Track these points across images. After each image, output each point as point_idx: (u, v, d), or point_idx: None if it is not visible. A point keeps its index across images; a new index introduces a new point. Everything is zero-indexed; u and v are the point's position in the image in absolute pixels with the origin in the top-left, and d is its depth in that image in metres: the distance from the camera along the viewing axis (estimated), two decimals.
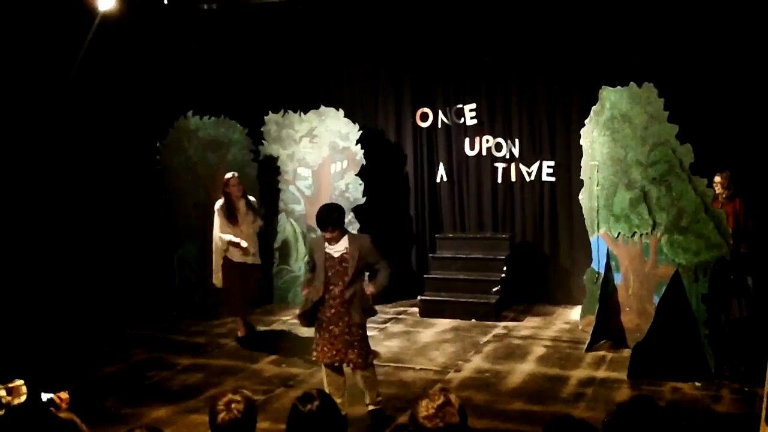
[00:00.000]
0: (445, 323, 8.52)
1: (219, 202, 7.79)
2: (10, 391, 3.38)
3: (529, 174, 9.24)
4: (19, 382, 3.46)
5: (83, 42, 8.67)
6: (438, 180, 9.80)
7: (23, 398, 3.41)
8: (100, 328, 8.48)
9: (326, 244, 5.46)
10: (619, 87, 7.14)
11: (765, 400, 4.16)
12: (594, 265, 7.67)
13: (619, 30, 8.36)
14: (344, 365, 5.60)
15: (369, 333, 5.83)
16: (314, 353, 5.63)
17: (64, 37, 8.61)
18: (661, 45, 8.10)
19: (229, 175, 7.88)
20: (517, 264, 9.13)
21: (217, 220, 7.76)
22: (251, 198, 8.08)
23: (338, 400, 5.44)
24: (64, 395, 3.41)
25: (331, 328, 5.50)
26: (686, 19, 8.05)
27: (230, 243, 7.67)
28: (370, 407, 5.68)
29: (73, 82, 8.78)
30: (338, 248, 5.46)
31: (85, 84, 8.90)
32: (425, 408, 2.65)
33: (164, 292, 9.40)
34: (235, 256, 7.76)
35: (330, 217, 5.38)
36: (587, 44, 8.63)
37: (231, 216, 7.70)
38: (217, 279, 7.98)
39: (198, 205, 9.37)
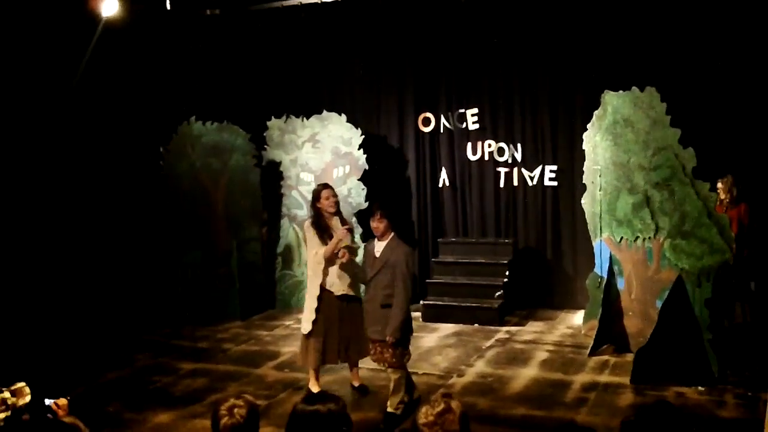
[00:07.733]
0: (447, 328, 8.51)
1: (308, 221, 6.42)
2: (14, 393, 3.39)
3: (532, 179, 9.23)
4: (22, 383, 3.47)
5: (87, 47, 8.69)
6: (440, 185, 9.78)
7: (27, 399, 3.41)
8: (104, 333, 8.48)
9: (375, 242, 5.72)
10: (621, 91, 7.14)
11: None
12: (597, 270, 7.67)
13: (621, 34, 8.36)
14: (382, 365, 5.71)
15: None
16: None
17: (68, 43, 8.62)
18: (663, 49, 8.09)
19: (319, 186, 6.45)
20: (520, 269, 9.11)
21: (309, 241, 6.32)
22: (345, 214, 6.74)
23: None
24: (62, 402, 3.41)
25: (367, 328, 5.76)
26: (688, 23, 8.04)
27: (328, 257, 6.16)
28: (389, 410, 5.72)
29: (76, 87, 8.79)
30: (379, 247, 5.69)
31: (89, 90, 8.90)
32: (425, 415, 2.65)
33: (168, 298, 9.39)
34: (330, 283, 6.22)
35: (386, 206, 5.76)
36: (589, 48, 8.62)
37: (321, 236, 6.24)
38: (310, 323, 6.23)
39: (201, 210, 9.40)
